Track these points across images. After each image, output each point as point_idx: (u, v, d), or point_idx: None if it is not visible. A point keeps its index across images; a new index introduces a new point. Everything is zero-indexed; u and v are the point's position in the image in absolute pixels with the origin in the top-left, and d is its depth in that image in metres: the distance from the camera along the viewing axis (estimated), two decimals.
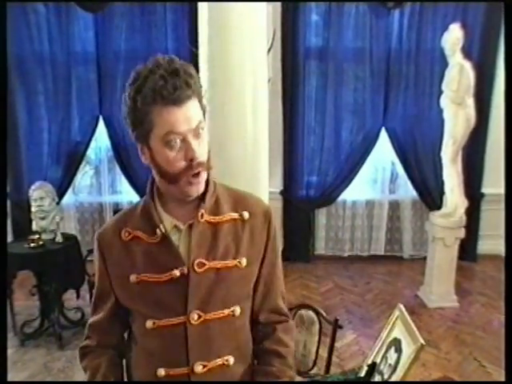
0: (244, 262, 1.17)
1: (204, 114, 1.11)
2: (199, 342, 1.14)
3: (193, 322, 1.12)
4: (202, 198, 1.15)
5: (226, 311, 1.16)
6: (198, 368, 1.13)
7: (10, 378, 2.98)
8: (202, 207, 1.14)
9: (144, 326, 1.15)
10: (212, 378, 1.15)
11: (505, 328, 1.67)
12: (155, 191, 1.20)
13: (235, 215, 1.19)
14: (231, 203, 1.21)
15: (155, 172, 1.13)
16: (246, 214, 1.20)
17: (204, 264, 1.12)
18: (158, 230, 1.13)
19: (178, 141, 1.04)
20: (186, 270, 1.11)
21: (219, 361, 1.16)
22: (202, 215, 1.14)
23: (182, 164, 1.06)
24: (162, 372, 1.14)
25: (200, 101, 1.09)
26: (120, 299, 1.19)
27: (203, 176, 1.10)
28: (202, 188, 1.12)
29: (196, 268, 1.12)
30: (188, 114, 1.04)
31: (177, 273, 1.11)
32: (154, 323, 1.13)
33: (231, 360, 1.17)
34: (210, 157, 1.12)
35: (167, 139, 1.03)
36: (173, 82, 1.00)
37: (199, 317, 1.12)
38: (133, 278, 1.13)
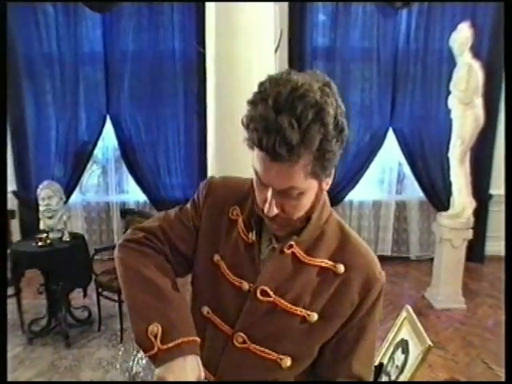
0: (315, 317, 1.00)
1: (321, 178, 0.93)
2: (231, 366, 1.04)
3: (236, 343, 1.02)
4: (303, 227, 1.01)
5: (274, 355, 1.01)
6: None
7: (18, 375, 3.01)
8: (295, 239, 1.00)
9: (200, 308, 1.07)
10: None
11: (505, 328, 1.66)
12: None
13: (328, 263, 1.02)
14: (333, 248, 1.03)
15: None
16: (341, 268, 1.01)
17: (269, 295, 1.00)
18: (250, 235, 1.03)
19: (264, 185, 0.92)
20: (251, 289, 1.01)
21: None
22: (291, 246, 1.00)
23: (260, 205, 0.96)
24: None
25: (301, 158, 0.85)
26: (194, 264, 1.10)
27: (280, 226, 0.98)
28: (283, 233, 1.00)
29: (259, 295, 1.00)
30: (278, 174, 0.87)
31: (246, 286, 1.01)
32: (208, 312, 1.06)
33: None
34: (310, 212, 0.98)
35: (255, 174, 0.93)
36: (271, 136, 0.82)
37: (243, 341, 1.02)
38: (216, 257, 1.05)
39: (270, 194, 0.90)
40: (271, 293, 1.00)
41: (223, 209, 1.08)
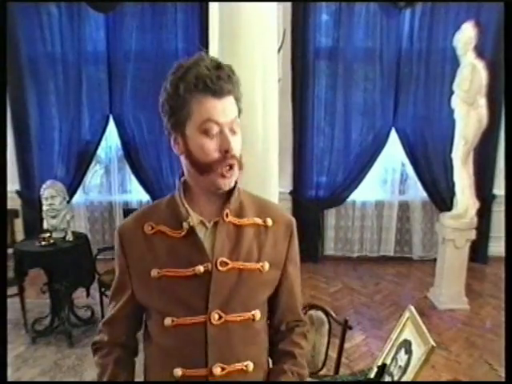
0: (267, 266, 1.16)
1: (239, 115, 1.12)
2: (219, 344, 1.11)
3: (214, 321, 1.10)
4: (227, 198, 1.16)
5: (247, 314, 1.14)
6: (217, 370, 1.10)
7: (21, 374, 3.02)
8: (227, 207, 1.14)
9: (162, 324, 1.12)
10: (232, 378, 1.13)
11: (505, 328, 1.66)
12: (182, 186, 1.18)
13: (259, 220, 1.19)
14: (255, 209, 1.20)
15: (187, 163, 1.11)
16: (269, 221, 1.20)
17: (227, 263, 1.11)
18: (184, 224, 1.11)
19: (215, 131, 1.05)
20: (210, 267, 1.10)
21: (238, 365, 1.13)
22: (227, 215, 1.14)
23: (217, 155, 1.06)
24: (178, 372, 1.10)
25: (237, 100, 1.11)
26: (138, 295, 1.17)
27: (235, 171, 1.10)
28: (232, 183, 1.12)
29: (219, 266, 1.10)
30: (226, 107, 1.06)
31: (201, 268, 1.09)
32: (172, 321, 1.10)
33: (251, 366, 1.15)
34: (241, 156, 1.12)
35: (205, 127, 1.05)
36: (217, 73, 1.03)
37: (220, 317, 1.10)
38: (154, 272, 1.11)
39: (228, 134, 1.06)
40: (228, 260, 1.11)
41: (136, 233, 1.16)
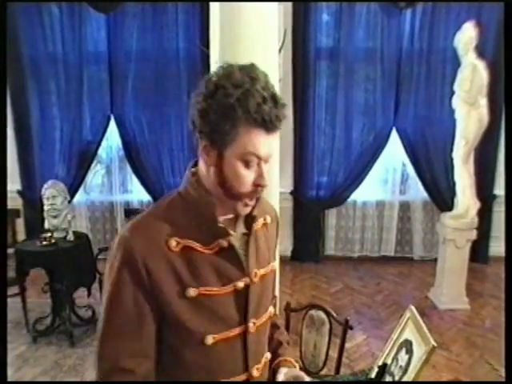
0: (275, 264, 1.21)
1: None
2: (255, 348, 1.14)
3: (251, 330, 1.11)
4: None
5: (267, 314, 1.19)
6: (254, 372, 1.14)
7: (22, 374, 3.03)
8: (256, 219, 1.14)
9: (201, 344, 1.05)
10: (262, 377, 1.19)
11: (505, 328, 1.66)
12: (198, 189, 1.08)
13: (262, 220, 1.20)
14: (258, 209, 1.16)
15: (215, 179, 1.03)
16: (268, 218, 1.22)
17: (256, 273, 1.12)
18: (222, 242, 1.06)
19: (254, 163, 1.01)
20: (248, 280, 1.09)
21: (264, 359, 1.20)
22: (256, 224, 1.16)
23: (250, 188, 1.03)
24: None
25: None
26: (172, 318, 1.04)
27: (257, 199, 1.09)
28: (250, 209, 1.10)
29: (253, 278, 1.10)
30: (271, 142, 1.02)
31: (241, 284, 1.08)
32: (213, 338, 1.06)
33: (269, 355, 1.23)
34: None
35: (246, 158, 0.99)
36: (277, 112, 0.98)
37: (254, 324, 1.12)
38: (191, 292, 1.02)
39: (264, 165, 1.02)
40: (257, 270, 1.12)
41: (159, 254, 1.02)
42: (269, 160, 1.04)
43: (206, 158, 1.04)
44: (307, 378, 1.20)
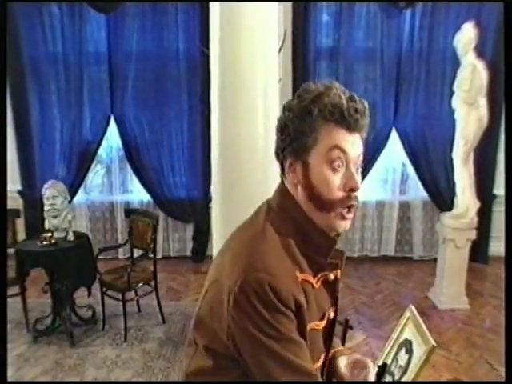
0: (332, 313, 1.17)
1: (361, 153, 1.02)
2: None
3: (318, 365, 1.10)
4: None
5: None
6: None
7: (23, 373, 3.03)
8: (344, 252, 1.08)
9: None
10: None
11: (505, 328, 1.66)
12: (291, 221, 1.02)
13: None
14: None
15: (304, 195, 0.99)
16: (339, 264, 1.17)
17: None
18: (331, 275, 1.05)
19: (341, 165, 0.96)
20: (332, 314, 1.09)
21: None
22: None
23: (341, 193, 0.97)
24: None
25: (362, 138, 1.01)
26: None
27: (354, 212, 1.02)
28: (349, 225, 1.03)
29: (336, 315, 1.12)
30: (355, 142, 0.98)
31: (332, 314, 1.09)
32: (316, 367, 1.07)
33: None
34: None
35: (331, 157, 0.95)
36: (355, 105, 0.96)
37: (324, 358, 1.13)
38: (309, 326, 0.99)
39: (352, 165, 0.98)
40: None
41: (290, 287, 0.94)
42: (359, 164, 0.99)
43: (292, 176, 1.00)
44: (368, 361, 1.18)
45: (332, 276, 1.04)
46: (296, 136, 0.96)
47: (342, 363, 1.18)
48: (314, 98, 0.95)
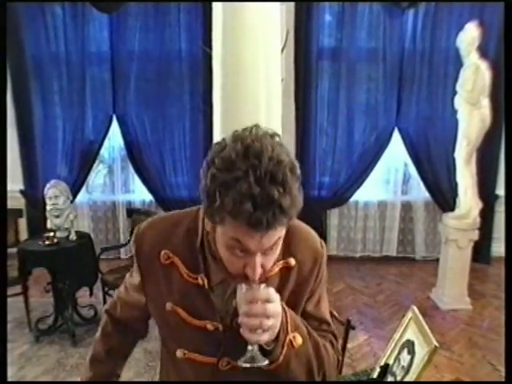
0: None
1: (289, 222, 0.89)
2: (228, 380, 1.11)
3: (221, 368, 1.08)
4: None
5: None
6: None
7: (25, 372, 3.03)
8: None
9: (174, 352, 1.11)
10: None
11: (505, 328, 1.66)
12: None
13: (280, 264, 1.05)
14: (282, 248, 1.00)
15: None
16: (292, 261, 1.07)
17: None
18: (199, 280, 1.03)
19: (243, 254, 0.88)
20: (220, 327, 1.05)
21: None
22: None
23: (239, 271, 0.90)
24: None
25: (292, 218, 0.87)
26: (153, 316, 1.16)
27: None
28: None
29: (235, 326, 0.98)
30: (266, 240, 0.85)
31: (210, 327, 1.05)
32: (184, 354, 1.10)
33: None
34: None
35: (231, 244, 0.87)
36: (267, 212, 0.79)
37: (228, 363, 1.08)
38: (168, 306, 1.06)
39: (258, 259, 0.88)
40: None
41: (154, 256, 1.07)
42: (272, 249, 0.90)
43: (206, 222, 0.97)
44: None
45: (200, 280, 1.03)
46: (210, 202, 0.84)
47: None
48: (223, 184, 0.81)
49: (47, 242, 3.29)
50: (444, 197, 4.84)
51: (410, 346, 1.31)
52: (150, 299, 1.13)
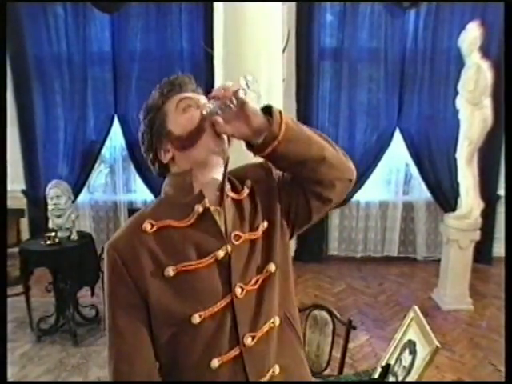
0: (265, 224, 1.13)
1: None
2: (246, 315, 1.08)
3: (239, 296, 1.06)
4: (222, 177, 1.13)
5: (262, 275, 1.11)
6: (248, 341, 1.07)
7: (27, 372, 3.04)
8: (225, 185, 1.12)
9: (188, 325, 1.03)
10: (261, 346, 1.09)
11: (505, 328, 1.65)
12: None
13: (247, 190, 1.16)
14: (238, 181, 1.17)
15: (181, 157, 1.10)
16: (248, 183, 1.17)
17: (240, 236, 1.09)
18: (198, 207, 1.06)
19: (193, 105, 1.08)
20: (229, 248, 1.06)
21: (266, 326, 1.10)
22: (227, 194, 1.12)
23: (198, 120, 1.05)
24: (215, 363, 1.05)
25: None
26: (155, 304, 1.04)
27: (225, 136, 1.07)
28: (227, 145, 1.08)
29: (234, 241, 1.08)
30: (197, 98, 1.10)
31: (221, 254, 1.05)
32: (200, 316, 1.03)
33: (277, 320, 1.13)
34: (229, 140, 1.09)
35: (182, 106, 1.08)
36: (173, 77, 1.13)
37: (242, 289, 1.07)
38: (169, 271, 1.02)
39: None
40: (240, 233, 1.09)
41: (137, 246, 1.05)
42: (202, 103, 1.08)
43: (168, 157, 1.12)
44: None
45: (200, 208, 1.06)
46: (151, 122, 1.10)
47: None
48: (151, 105, 1.12)
49: (49, 242, 3.30)
50: (445, 197, 4.83)
51: (411, 346, 1.31)
52: (145, 287, 1.04)
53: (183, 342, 1.07)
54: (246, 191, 1.16)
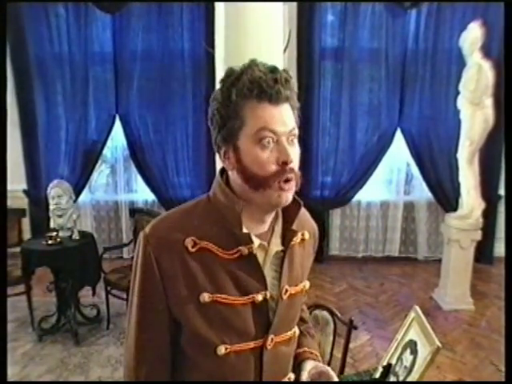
0: (307, 285, 1.14)
1: (297, 127, 1.03)
2: (272, 365, 1.07)
3: (268, 346, 1.04)
4: (287, 218, 1.09)
5: (290, 333, 1.11)
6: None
7: (28, 372, 3.04)
8: (294, 233, 1.07)
9: (213, 353, 1.00)
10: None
11: (505, 328, 1.65)
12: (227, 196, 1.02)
13: (300, 236, 1.11)
14: (297, 222, 1.09)
15: (240, 178, 0.98)
16: (306, 235, 1.14)
17: (287, 291, 1.05)
18: (243, 249, 0.99)
19: (271, 141, 0.95)
20: (268, 295, 1.02)
21: (285, 379, 1.14)
22: (295, 239, 1.07)
23: (274, 167, 0.95)
24: None
25: (293, 109, 1.02)
26: (183, 322, 1.00)
27: (293, 184, 1.01)
28: (290, 198, 1.02)
29: (283, 296, 1.04)
30: (284, 115, 0.97)
31: (259, 297, 1.00)
32: (226, 349, 0.99)
33: (292, 377, 1.16)
34: (299, 174, 1.04)
35: (260, 136, 0.94)
36: (273, 76, 0.93)
37: (272, 340, 1.04)
38: (205, 297, 0.96)
39: (287, 145, 0.97)
40: (288, 287, 1.05)
41: (175, 251, 0.97)
42: (293, 140, 1.00)
43: (227, 163, 1.00)
44: (333, 375, 1.12)
45: (246, 250, 0.98)
46: (223, 123, 0.96)
47: (307, 368, 1.16)
48: (234, 80, 0.94)
49: (50, 242, 3.30)
50: (446, 197, 4.83)
51: (412, 346, 1.31)
52: (174, 301, 0.98)
53: (205, 367, 1.04)
54: (301, 238, 1.11)
